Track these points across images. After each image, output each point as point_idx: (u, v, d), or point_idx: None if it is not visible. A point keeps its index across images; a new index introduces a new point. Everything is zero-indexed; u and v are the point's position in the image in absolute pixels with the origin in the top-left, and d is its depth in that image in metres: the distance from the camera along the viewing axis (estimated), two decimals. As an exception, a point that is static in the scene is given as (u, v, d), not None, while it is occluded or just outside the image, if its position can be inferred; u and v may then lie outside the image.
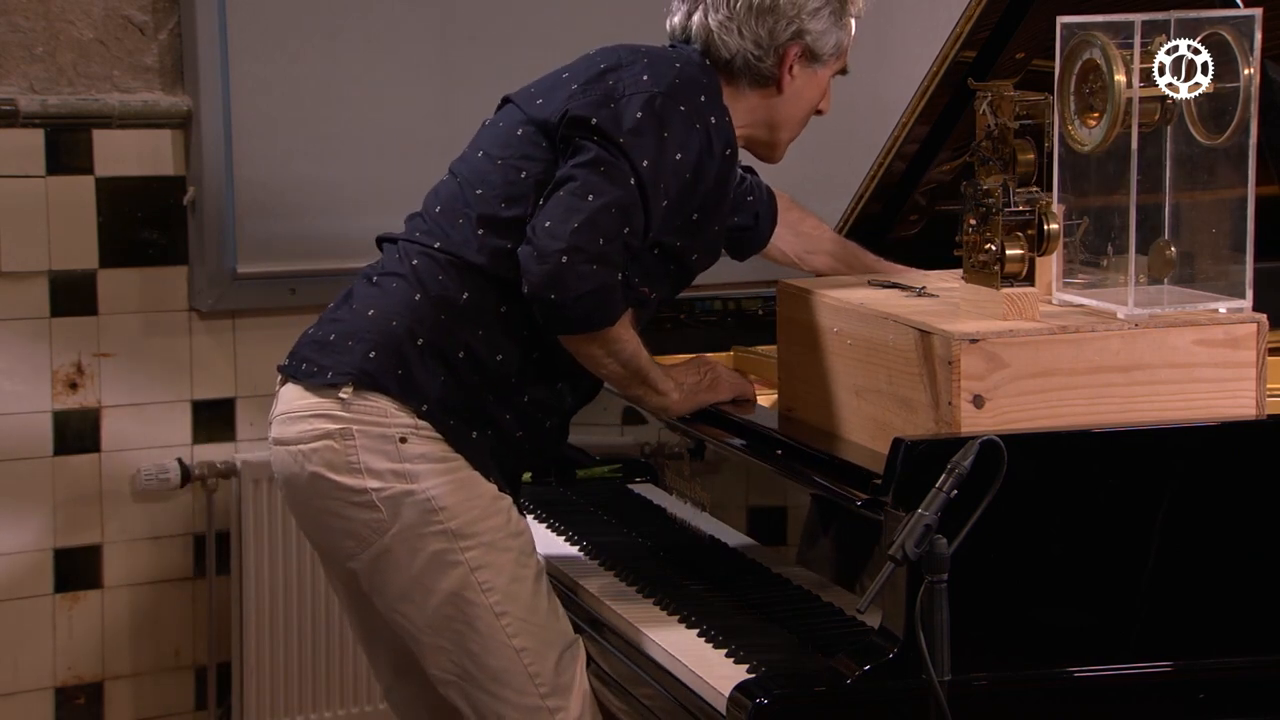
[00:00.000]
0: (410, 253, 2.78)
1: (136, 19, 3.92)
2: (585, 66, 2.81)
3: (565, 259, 2.60)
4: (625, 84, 2.71)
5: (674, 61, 2.77)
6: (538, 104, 2.79)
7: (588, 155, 2.66)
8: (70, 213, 3.89)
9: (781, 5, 2.79)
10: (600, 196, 2.63)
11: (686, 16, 2.85)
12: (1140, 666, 2.34)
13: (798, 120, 2.90)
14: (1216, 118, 2.44)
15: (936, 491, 2.16)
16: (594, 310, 2.64)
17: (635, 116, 2.67)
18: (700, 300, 3.61)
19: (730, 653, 2.52)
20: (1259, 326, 2.44)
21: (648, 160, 2.66)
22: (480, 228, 2.73)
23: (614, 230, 2.63)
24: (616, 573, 2.92)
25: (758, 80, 2.83)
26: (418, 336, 2.70)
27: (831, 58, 2.86)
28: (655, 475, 3.07)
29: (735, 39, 2.80)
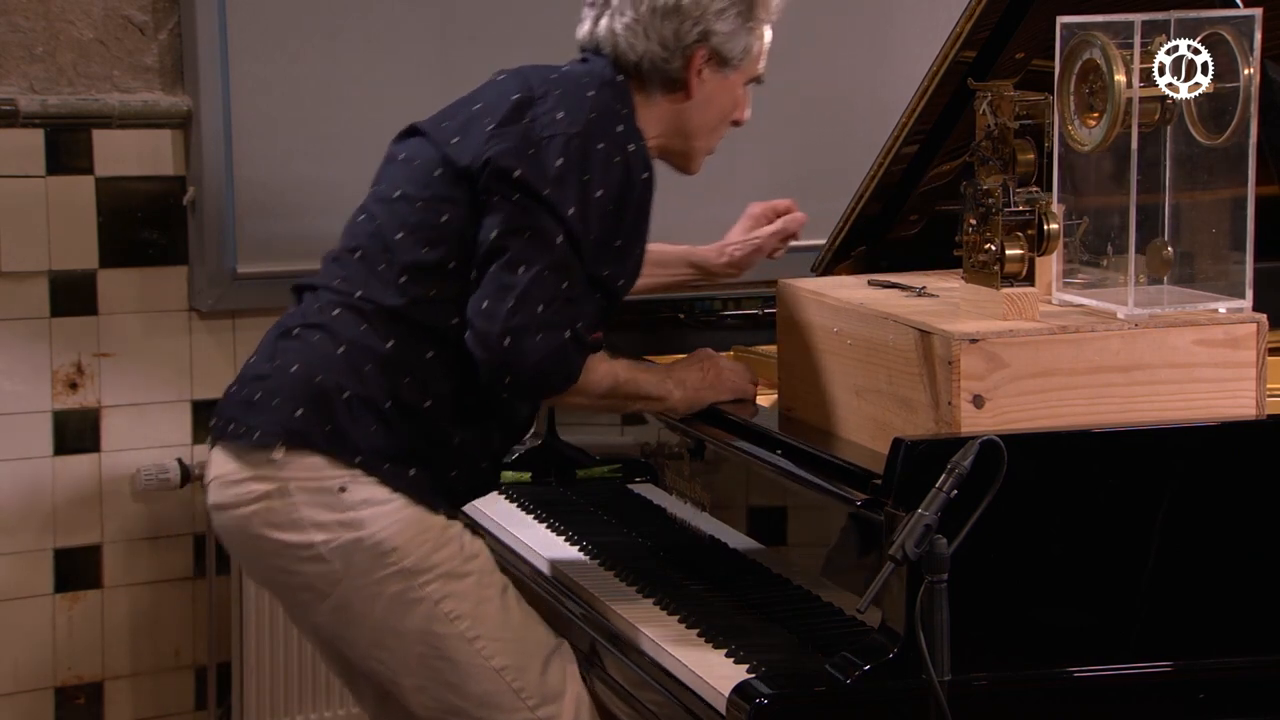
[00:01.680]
0: (330, 302, 2.75)
1: (136, 19, 3.92)
2: (497, 98, 2.77)
3: (508, 340, 2.60)
4: (541, 124, 2.69)
5: (586, 90, 2.74)
6: (453, 143, 2.75)
7: (514, 219, 2.64)
8: (70, 213, 3.89)
9: (685, 5, 2.77)
10: (531, 265, 2.61)
11: (594, 23, 2.83)
12: (1140, 666, 2.34)
13: (711, 128, 2.88)
14: (1216, 118, 2.44)
15: (936, 491, 2.16)
16: (552, 375, 2.64)
17: (556, 164, 2.65)
18: (700, 300, 3.61)
19: (730, 653, 2.52)
20: (1259, 326, 2.44)
21: (573, 208, 2.64)
22: (402, 274, 2.71)
23: (552, 293, 2.62)
24: (616, 573, 2.92)
25: (667, 84, 2.81)
26: (343, 390, 2.67)
27: (741, 62, 2.84)
28: (655, 475, 3.07)
29: (642, 41, 2.78)
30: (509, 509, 3.34)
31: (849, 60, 4.38)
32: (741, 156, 4.32)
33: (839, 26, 4.36)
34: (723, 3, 2.78)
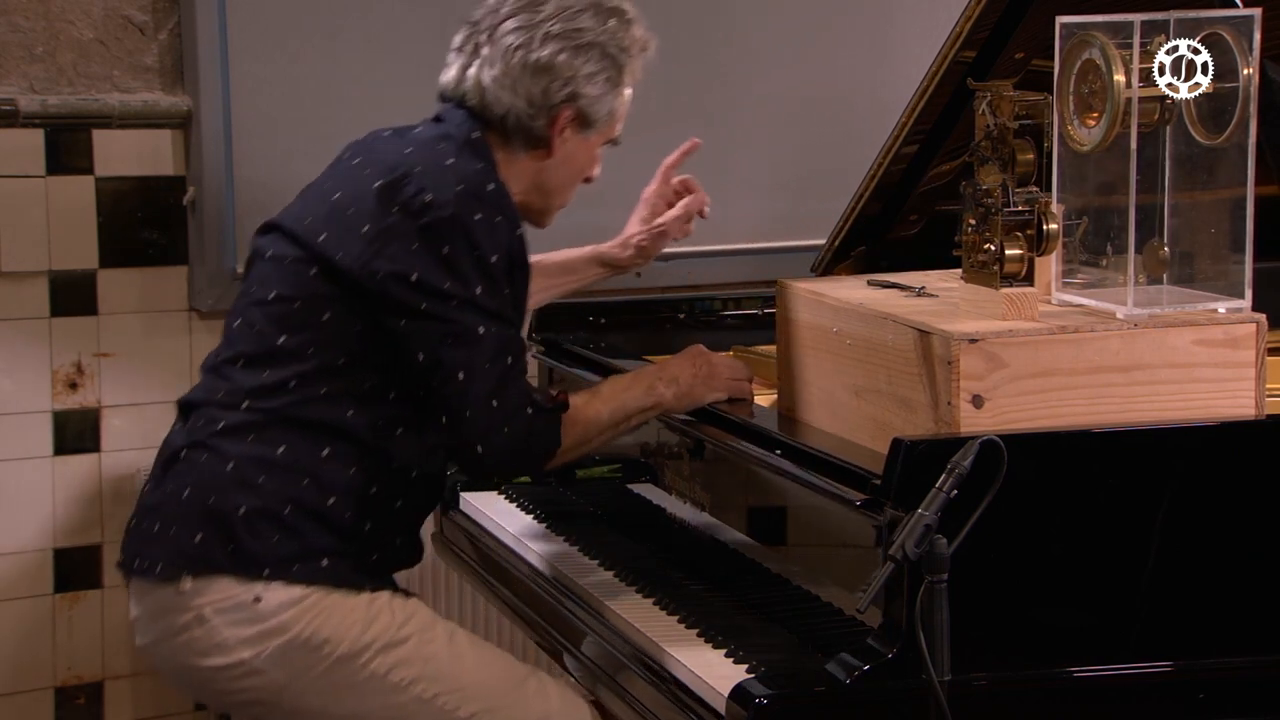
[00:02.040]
0: (214, 418, 2.71)
1: (136, 19, 3.92)
2: (357, 187, 2.71)
3: (480, 448, 2.63)
4: (414, 212, 2.63)
5: (445, 159, 2.70)
6: (322, 239, 2.70)
7: (431, 329, 2.62)
8: (70, 213, 3.89)
9: (558, 65, 2.76)
10: (469, 367, 2.62)
11: (462, 71, 2.80)
12: (1140, 666, 2.34)
13: (568, 186, 2.89)
14: (1216, 117, 2.44)
15: (936, 491, 2.16)
16: (534, 454, 2.68)
17: (444, 252, 2.62)
18: (700, 300, 3.61)
19: (730, 653, 2.52)
20: (1258, 326, 2.44)
21: (479, 287, 2.63)
22: (291, 379, 2.68)
23: (498, 383, 2.63)
24: (616, 573, 2.92)
25: (529, 141, 2.79)
26: (239, 506, 2.64)
27: (604, 125, 2.84)
28: (655, 475, 3.07)
29: (509, 96, 2.76)
30: (509, 509, 3.34)
31: (849, 60, 4.38)
32: (742, 156, 4.33)
33: (839, 26, 4.36)
34: (594, 66, 2.78)
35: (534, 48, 2.76)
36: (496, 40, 2.77)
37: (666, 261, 4.28)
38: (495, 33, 2.78)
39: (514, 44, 2.76)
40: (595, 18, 2.79)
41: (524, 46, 2.76)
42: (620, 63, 2.81)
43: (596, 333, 3.50)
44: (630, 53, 2.83)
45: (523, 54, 2.76)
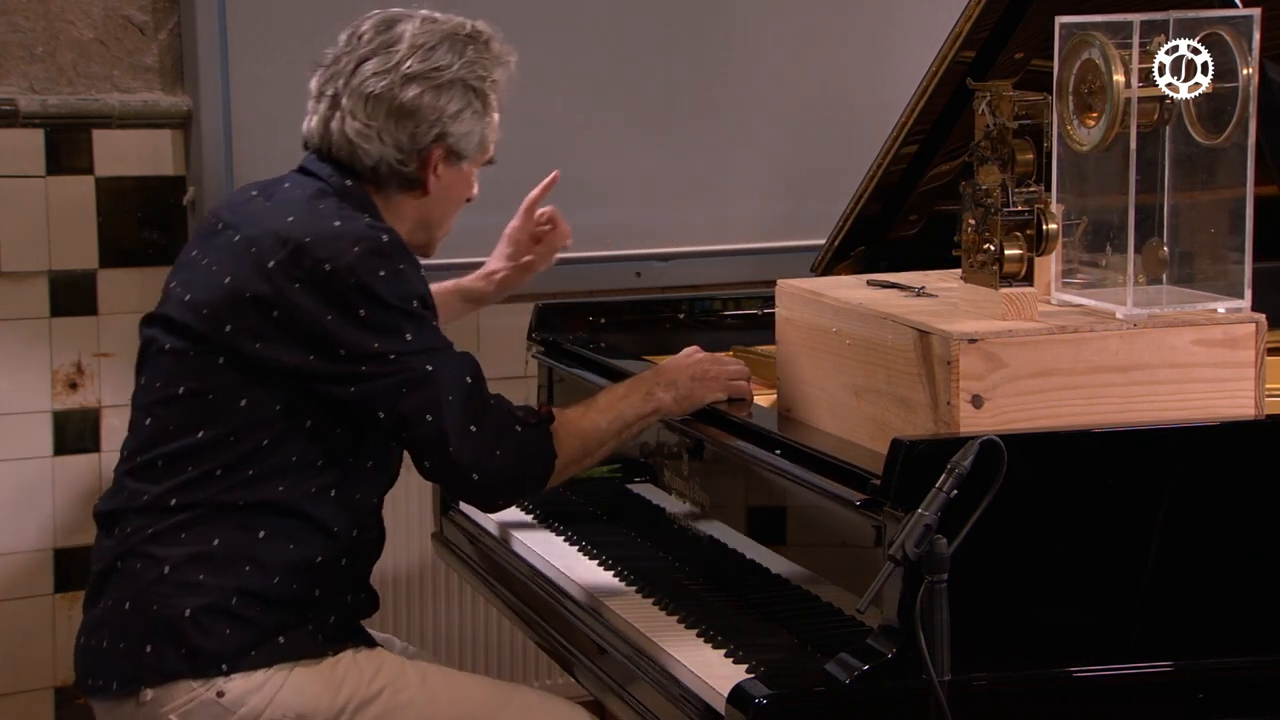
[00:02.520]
0: (143, 524, 2.64)
1: (136, 19, 3.92)
2: (246, 265, 2.62)
3: (476, 475, 2.60)
4: (318, 284, 2.57)
5: (330, 219, 2.62)
6: (227, 330, 2.61)
7: (377, 383, 2.57)
8: (70, 213, 3.89)
9: (422, 108, 2.70)
10: (434, 405, 2.58)
11: (324, 124, 2.73)
12: (1140, 666, 2.34)
13: (449, 216, 2.84)
14: (1215, 118, 2.44)
15: (936, 491, 2.16)
16: (533, 474, 2.66)
17: (361, 315, 2.57)
18: (700, 300, 3.61)
19: (730, 653, 2.52)
20: (1258, 326, 2.44)
21: (408, 332, 2.59)
22: (217, 469, 2.61)
23: (468, 400, 2.60)
24: (616, 573, 2.92)
25: (404, 184, 2.74)
26: (184, 608, 2.58)
27: (477, 153, 2.79)
28: (655, 475, 3.07)
29: (377, 146, 2.70)
30: (508, 509, 3.34)
31: (849, 60, 4.38)
32: (742, 156, 4.33)
33: (839, 26, 4.37)
34: (458, 103, 2.72)
35: (395, 93, 2.69)
36: (355, 89, 2.70)
37: (666, 262, 4.29)
38: (353, 79, 2.70)
39: (374, 91, 2.69)
40: (451, 51, 2.73)
41: (385, 93, 2.69)
42: (484, 92, 2.76)
43: (596, 333, 3.50)
44: (493, 78, 2.78)
45: (385, 102, 2.69)
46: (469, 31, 2.77)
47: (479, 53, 2.76)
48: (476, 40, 2.77)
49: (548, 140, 4.16)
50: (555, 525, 3.20)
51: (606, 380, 3.20)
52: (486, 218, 4.15)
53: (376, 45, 2.72)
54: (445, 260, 4.12)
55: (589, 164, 4.20)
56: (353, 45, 2.74)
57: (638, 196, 4.27)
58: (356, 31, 2.76)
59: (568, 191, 4.21)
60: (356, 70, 2.71)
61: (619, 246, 4.25)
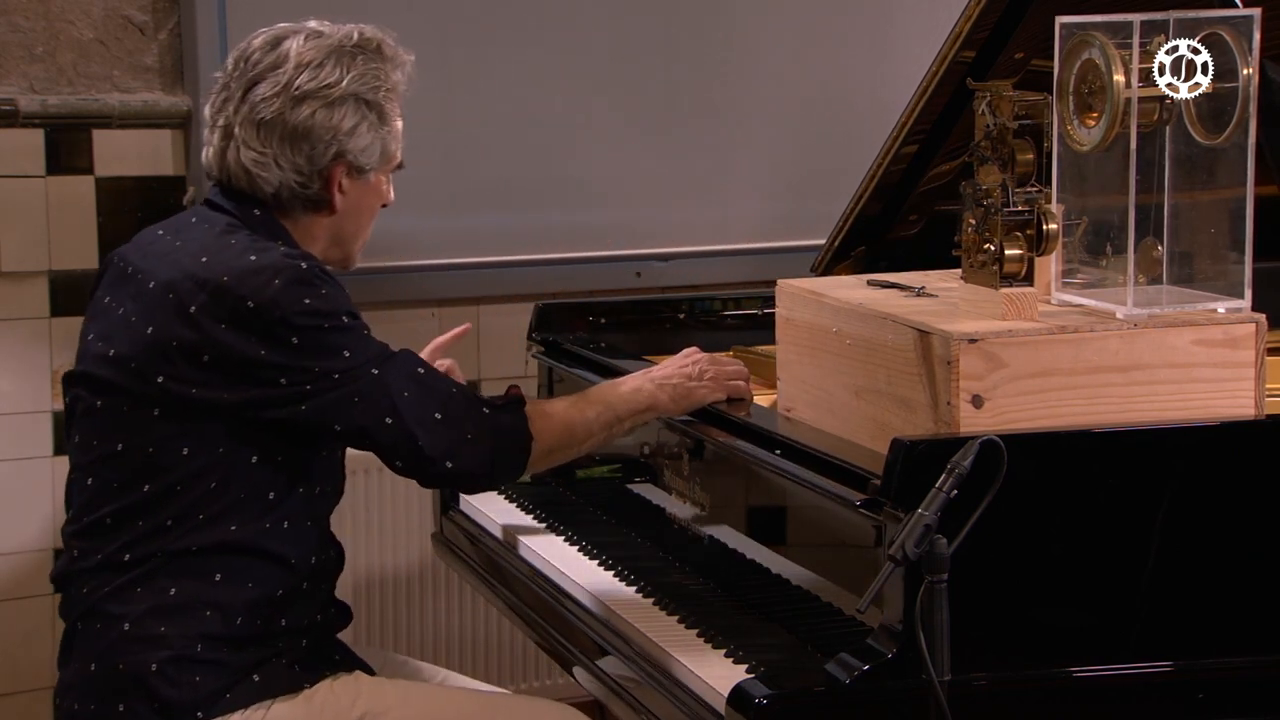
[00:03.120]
0: (98, 583, 2.60)
1: (136, 19, 3.92)
2: (166, 313, 2.57)
3: (452, 463, 2.59)
4: (245, 323, 2.53)
5: (244, 254, 2.57)
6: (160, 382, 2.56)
7: (327, 397, 2.54)
8: (70, 213, 3.89)
9: (316, 129, 2.64)
10: (391, 406, 2.55)
11: (220, 155, 2.67)
12: (1140, 666, 2.34)
13: (364, 228, 2.78)
14: (1215, 118, 2.44)
15: (936, 491, 2.16)
16: (509, 447, 2.64)
17: (295, 344, 2.53)
18: (700, 300, 3.61)
19: (730, 653, 2.52)
20: (1258, 326, 2.44)
21: (346, 349, 2.56)
22: (167, 519, 2.58)
23: (425, 391, 2.58)
24: (616, 573, 2.92)
25: (310, 205, 2.68)
26: (149, 663, 2.55)
27: (382, 163, 2.73)
28: (655, 475, 3.07)
29: (275, 172, 2.64)
30: (508, 509, 3.34)
31: (849, 60, 4.38)
32: (742, 156, 4.33)
33: (839, 26, 4.37)
34: (353, 119, 2.66)
35: (286, 116, 2.63)
36: (246, 116, 2.64)
37: (666, 262, 4.29)
38: (242, 107, 2.65)
39: (264, 117, 2.63)
40: (339, 65, 2.66)
41: (276, 118, 2.63)
42: (379, 103, 2.69)
43: (596, 333, 3.50)
44: (387, 86, 2.71)
45: (277, 127, 2.63)
46: (356, 42, 2.70)
47: (369, 63, 2.69)
48: (365, 49, 2.70)
49: (548, 140, 4.17)
50: (555, 525, 3.20)
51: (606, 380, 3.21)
52: (485, 218, 4.16)
53: (264, 67, 2.65)
54: (444, 261, 4.14)
55: (589, 164, 4.20)
56: (240, 69, 2.67)
57: (638, 196, 4.27)
58: (244, 53, 2.68)
59: (568, 191, 4.23)
60: (246, 96, 2.65)
61: (619, 246, 4.26)
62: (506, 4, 4.11)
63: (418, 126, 4.03)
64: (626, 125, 4.23)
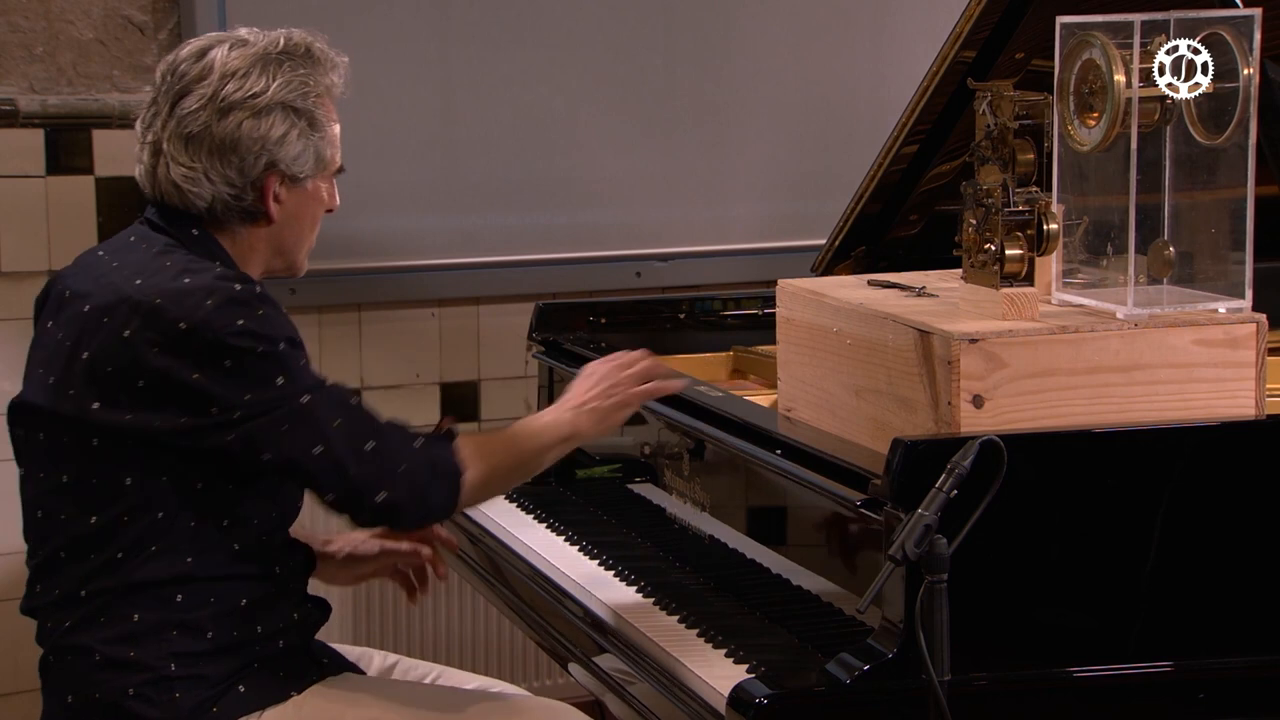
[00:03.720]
0: (60, 617, 2.59)
1: (136, 19, 3.92)
2: (100, 337, 2.53)
3: (385, 495, 2.50)
4: (176, 346, 2.47)
5: (179, 275, 2.52)
6: (95, 409, 2.52)
7: (256, 424, 2.48)
8: (70, 213, 3.89)
9: (242, 139, 2.56)
10: (321, 435, 2.48)
11: (151, 173, 2.61)
12: (1140, 666, 2.34)
13: (307, 234, 2.69)
14: (1216, 118, 2.44)
15: (936, 491, 2.16)
16: (441, 481, 2.55)
17: (226, 367, 2.47)
18: (700, 300, 3.61)
19: (730, 653, 2.52)
20: (1258, 326, 2.44)
21: (279, 376, 2.49)
22: (118, 552, 2.53)
23: (356, 423, 2.51)
24: (616, 573, 2.92)
25: (246, 218, 2.61)
26: (125, 688, 2.52)
27: (319, 169, 2.65)
28: (655, 475, 3.07)
29: (206, 186, 2.57)
30: (509, 509, 3.34)
31: (849, 60, 4.38)
32: (742, 156, 4.33)
33: (839, 26, 4.37)
34: (281, 127, 2.58)
35: (213, 128, 2.56)
36: (174, 131, 2.58)
37: (666, 262, 4.29)
38: (170, 121, 2.58)
39: (191, 130, 2.56)
40: (264, 73, 2.59)
41: (203, 131, 2.56)
42: (310, 109, 2.62)
43: (596, 333, 3.50)
44: (317, 92, 2.64)
45: (204, 140, 2.57)
46: (283, 48, 2.63)
47: (296, 69, 2.62)
48: (293, 55, 2.63)
49: (548, 140, 4.17)
50: (556, 525, 3.20)
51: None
52: (485, 218, 4.16)
53: (189, 80, 2.59)
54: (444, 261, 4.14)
55: (589, 164, 4.20)
56: (167, 83, 2.61)
57: (638, 196, 4.27)
58: (171, 65, 2.62)
59: (568, 191, 4.23)
60: (173, 110, 2.59)
61: (619, 246, 4.26)
62: (506, 4, 4.11)
63: (418, 126, 4.06)
64: (626, 125, 4.23)
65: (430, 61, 4.06)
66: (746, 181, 4.34)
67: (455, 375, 4.17)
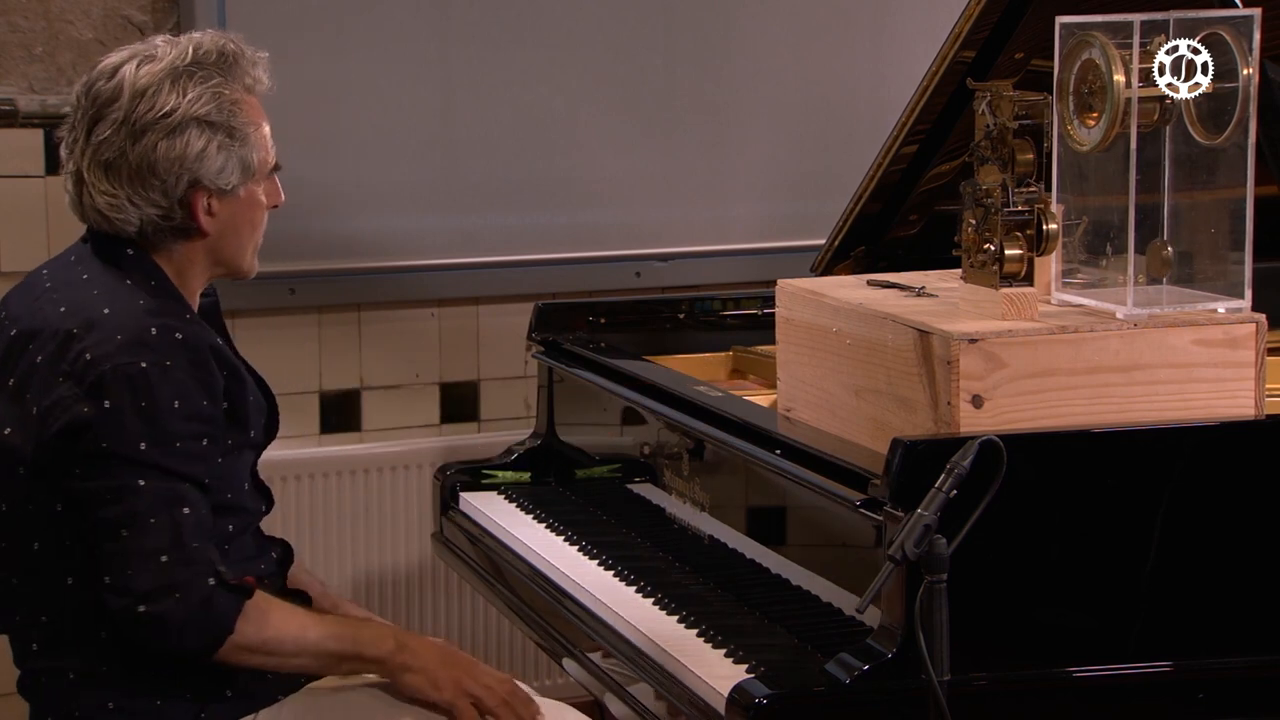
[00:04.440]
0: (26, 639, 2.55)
1: (136, 19, 3.92)
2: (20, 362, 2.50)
3: (144, 608, 2.40)
4: (77, 375, 2.43)
5: (100, 305, 2.48)
6: (6, 434, 2.50)
7: (91, 484, 2.42)
8: (69, 213, 3.87)
9: (160, 163, 2.50)
10: (131, 521, 2.40)
11: (76, 201, 2.57)
12: (1140, 666, 2.34)
13: (249, 238, 2.63)
14: (1215, 118, 2.44)
15: (936, 491, 2.16)
16: (209, 627, 2.43)
17: (105, 407, 2.41)
18: (700, 300, 3.61)
19: (730, 653, 2.52)
20: (1258, 326, 2.44)
21: (143, 441, 2.41)
22: (68, 576, 2.50)
23: (171, 530, 2.41)
24: (616, 573, 2.92)
25: (178, 234, 2.55)
26: (105, 702, 2.50)
27: (249, 176, 2.58)
28: (654, 475, 3.07)
29: (133, 211, 2.52)
30: (508, 509, 3.34)
31: (849, 60, 4.38)
32: (741, 156, 4.33)
33: (839, 26, 4.37)
34: (199, 143, 2.51)
35: (127, 154, 2.51)
36: (92, 159, 2.53)
37: (666, 262, 4.29)
38: (87, 148, 2.53)
39: (108, 157, 2.51)
40: (175, 89, 2.52)
41: (119, 157, 2.51)
42: (226, 120, 2.54)
43: (596, 333, 3.50)
44: (233, 99, 2.56)
45: (121, 167, 2.51)
46: (192, 59, 2.55)
47: (207, 79, 2.54)
48: (204, 65, 2.55)
49: (548, 140, 4.17)
50: (556, 525, 3.20)
51: (606, 380, 3.21)
52: (485, 218, 4.16)
53: (101, 102, 2.53)
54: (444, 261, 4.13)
55: (589, 164, 4.20)
56: (82, 105, 2.55)
57: (638, 196, 4.27)
58: (87, 85, 2.56)
59: (569, 191, 4.22)
60: (89, 137, 2.53)
61: (619, 246, 4.26)
62: (506, 4, 4.11)
63: (418, 126, 4.06)
64: (626, 125, 4.23)
65: (430, 61, 4.06)
66: (746, 181, 4.33)
67: (455, 375, 4.16)
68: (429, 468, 3.88)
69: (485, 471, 3.48)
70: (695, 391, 2.94)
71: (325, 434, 4.06)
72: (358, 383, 4.10)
